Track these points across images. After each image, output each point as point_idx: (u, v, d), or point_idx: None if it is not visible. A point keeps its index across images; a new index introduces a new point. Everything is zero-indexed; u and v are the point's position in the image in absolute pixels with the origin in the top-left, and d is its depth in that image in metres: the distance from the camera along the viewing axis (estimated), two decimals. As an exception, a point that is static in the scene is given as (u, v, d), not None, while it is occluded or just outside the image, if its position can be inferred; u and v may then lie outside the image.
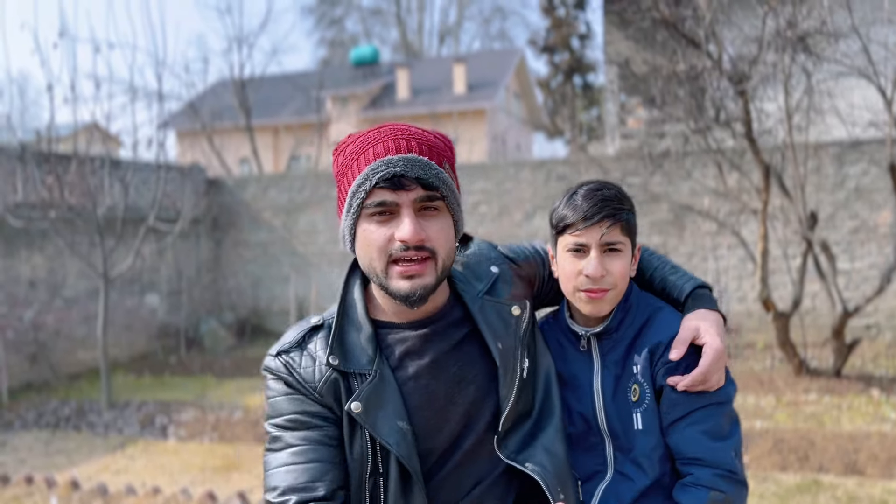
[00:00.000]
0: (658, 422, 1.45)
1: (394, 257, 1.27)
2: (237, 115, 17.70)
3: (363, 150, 1.29)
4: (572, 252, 1.48)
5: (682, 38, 6.80)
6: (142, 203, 9.42)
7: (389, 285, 1.29)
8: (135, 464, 5.80)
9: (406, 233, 1.25)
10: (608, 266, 1.45)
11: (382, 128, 1.32)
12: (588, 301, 1.47)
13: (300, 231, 11.77)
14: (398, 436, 1.30)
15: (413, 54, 36.09)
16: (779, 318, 7.09)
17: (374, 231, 1.28)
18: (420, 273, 1.28)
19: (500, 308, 1.44)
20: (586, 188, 1.49)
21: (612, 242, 1.45)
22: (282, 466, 1.30)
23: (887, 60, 6.64)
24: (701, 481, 1.38)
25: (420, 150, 1.29)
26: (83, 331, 9.33)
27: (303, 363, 1.34)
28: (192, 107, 15.98)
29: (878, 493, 4.55)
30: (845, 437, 5.46)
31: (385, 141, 1.28)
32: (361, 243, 1.31)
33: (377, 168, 1.26)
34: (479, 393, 1.39)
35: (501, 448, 1.38)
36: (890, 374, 7.52)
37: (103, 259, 7.54)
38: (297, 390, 1.33)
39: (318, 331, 1.38)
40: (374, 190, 1.26)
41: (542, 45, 27.03)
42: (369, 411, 1.30)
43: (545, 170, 10.55)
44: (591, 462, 1.49)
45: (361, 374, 1.32)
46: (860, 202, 9.08)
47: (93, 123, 8.54)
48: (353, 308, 1.39)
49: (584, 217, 1.44)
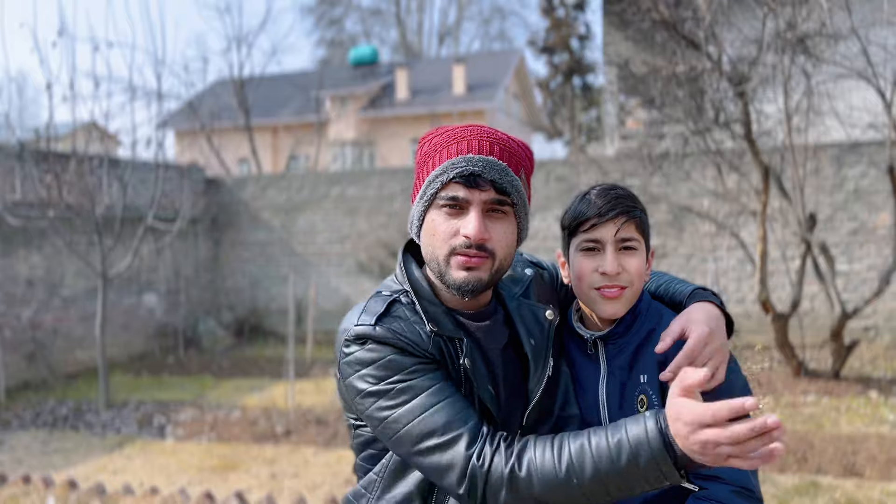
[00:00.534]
0: None
1: (455, 250, 1.32)
2: (236, 114, 17.71)
3: (447, 145, 1.35)
4: (586, 251, 1.46)
5: (682, 40, 6.79)
6: (140, 202, 9.41)
7: (447, 273, 1.34)
8: (132, 464, 5.79)
9: (471, 230, 1.30)
10: (624, 263, 1.44)
11: (471, 127, 1.37)
12: (604, 301, 1.45)
13: (299, 231, 11.76)
14: (491, 399, 1.37)
15: (412, 55, 36.09)
16: (777, 319, 7.09)
17: (442, 222, 1.33)
18: (477, 266, 1.32)
19: (535, 310, 1.50)
20: (599, 188, 1.49)
21: (628, 239, 1.44)
22: (425, 411, 1.27)
23: (887, 62, 6.64)
24: (716, 496, 1.36)
25: (501, 154, 1.34)
26: (81, 330, 9.32)
27: (406, 329, 1.34)
28: (191, 106, 15.98)
29: (876, 495, 4.54)
30: (844, 438, 5.45)
31: (470, 139, 1.34)
32: (427, 231, 1.36)
33: (457, 163, 1.32)
34: (513, 391, 1.44)
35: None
36: (888, 375, 7.52)
37: (101, 258, 7.53)
38: (407, 351, 1.32)
39: (398, 303, 1.39)
40: (449, 183, 1.32)
41: (542, 45, 27.06)
42: (474, 369, 1.36)
43: (544, 170, 10.55)
44: None
45: (454, 339, 1.36)
46: (859, 204, 9.08)
47: (92, 122, 8.53)
48: (421, 285, 1.42)
49: (599, 213, 1.43)
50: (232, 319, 11.74)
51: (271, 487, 5.12)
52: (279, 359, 9.54)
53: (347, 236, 11.52)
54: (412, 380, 1.30)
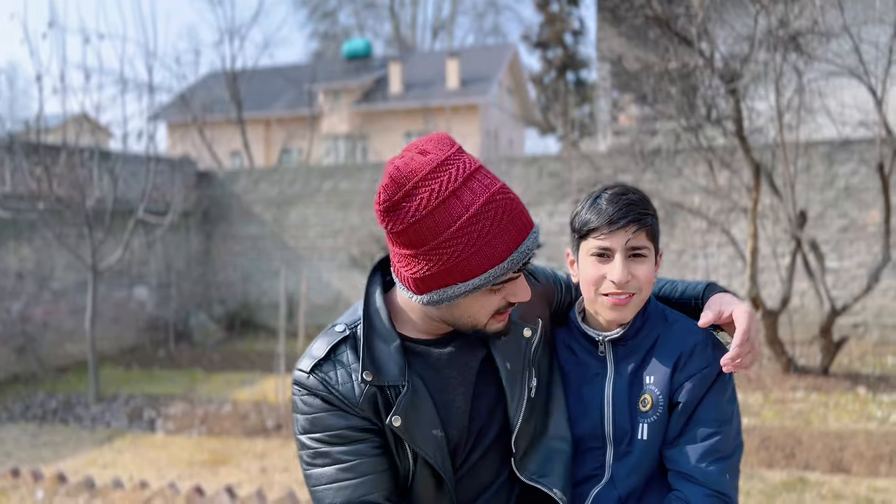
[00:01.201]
0: (663, 436, 1.44)
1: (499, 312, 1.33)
2: (228, 107, 17.63)
3: (507, 230, 1.24)
4: (596, 257, 1.45)
5: (675, 36, 6.80)
6: (131, 195, 9.36)
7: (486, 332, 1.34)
8: (122, 457, 5.78)
9: (521, 296, 1.32)
10: (633, 271, 1.43)
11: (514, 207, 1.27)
12: (612, 308, 1.45)
13: (291, 225, 11.74)
14: (434, 444, 1.33)
15: (406, 48, 36.00)
16: (767, 316, 7.12)
17: (492, 301, 1.30)
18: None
19: (513, 328, 1.43)
20: (611, 192, 1.46)
21: (638, 247, 1.43)
22: (333, 483, 1.30)
23: (878, 60, 6.65)
24: (689, 500, 1.38)
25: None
26: (71, 323, 9.28)
27: (340, 379, 1.32)
28: (183, 99, 15.90)
29: (863, 491, 4.58)
30: (831, 434, 5.49)
31: (523, 230, 1.27)
32: (471, 303, 1.30)
33: (517, 257, 1.25)
34: (489, 407, 1.41)
35: (522, 470, 1.40)
36: (877, 372, 7.57)
37: (92, 251, 7.50)
38: (337, 407, 1.31)
39: (346, 342, 1.36)
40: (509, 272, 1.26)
41: (536, 40, 27.03)
42: (408, 423, 1.31)
43: (537, 166, 10.55)
44: (588, 465, 1.49)
45: (394, 387, 1.32)
46: (849, 201, 9.12)
47: (82, 114, 8.48)
48: (378, 317, 1.38)
49: (610, 221, 1.41)
50: (223, 313, 11.72)
51: (261, 482, 5.12)
52: (270, 353, 9.53)
53: (340, 230, 11.50)
54: (331, 446, 1.30)
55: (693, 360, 1.44)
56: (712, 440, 1.40)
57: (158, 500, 4.67)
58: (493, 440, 1.41)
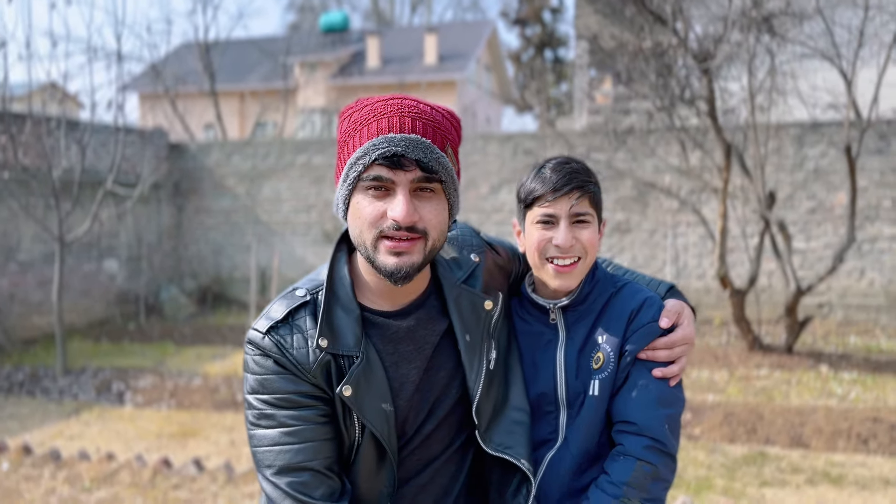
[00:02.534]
0: (611, 386, 1.48)
1: (384, 234, 1.27)
2: (202, 79, 17.34)
3: (367, 122, 1.28)
4: (541, 224, 1.50)
5: (650, 15, 6.80)
6: (100, 166, 9.20)
7: (376, 259, 1.29)
8: (90, 430, 5.74)
9: (399, 213, 1.24)
10: (577, 236, 1.48)
11: (391, 100, 1.30)
12: (556, 275, 1.50)
13: (264, 199, 11.64)
14: (382, 417, 1.32)
15: (384, 22, 35.58)
16: (735, 295, 7.24)
17: (368, 205, 1.27)
18: (408, 251, 1.28)
19: (474, 299, 1.45)
20: (554, 162, 1.52)
21: (581, 213, 1.49)
22: (275, 445, 1.30)
23: (849, 43, 6.73)
24: (630, 452, 1.42)
25: (424, 131, 1.28)
26: (39, 296, 9.15)
27: (295, 343, 1.32)
28: (155, 69, 15.60)
29: (821, 465, 4.70)
30: (793, 410, 5.62)
31: (390, 117, 1.27)
32: (353, 214, 1.30)
33: (378, 144, 1.25)
34: (446, 379, 1.41)
35: (487, 442, 1.41)
36: (839, 351, 7.74)
37: (59, 222, 7.38)
38: (288, 370, 1.31)
39: (306, 307, 1.36)
40: (372, 165, 1.26)
41: (515, 17, 26.93)
42: (358, 394, 1.31)
43: (512, 143, 10.55)
44: (543, 430, 1.52)
45: (349, 356, 1.32)
46: (818, 183, 9.26)
47: (51, 83, 8.30)
48: (341, 285, 1.38)
49: (554, 189, 1.47)
50: (195, 287, 11.63)
51: (230, 454, 5.12)
52: (242, 327, 9.49)
53: (314, 205, 11.42)
54: (278, 409, 1.30)
55: (642, 313, 1.49)
56: (654, 390, 1.45)
57: (125, 472, 4.67)
58: (447, 412, 1.42)
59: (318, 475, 1.29)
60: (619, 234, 9.83)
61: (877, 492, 4.30)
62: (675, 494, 4.14)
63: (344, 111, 1.35)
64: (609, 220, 9.80)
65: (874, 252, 9.08)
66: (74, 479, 4.55)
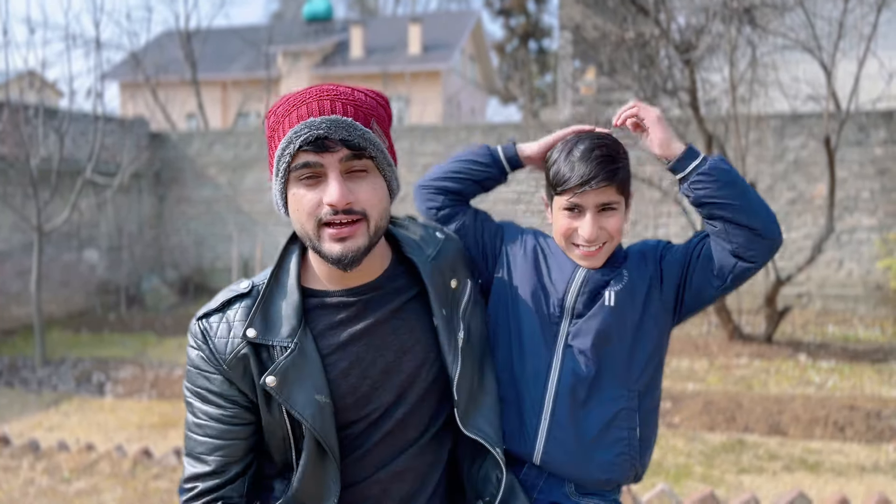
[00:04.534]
0: (632, 308, 1.50)
1: (324, 221, 1.26)
2: (183, 68, 17.17)
3: (288, 113, 1.27)
4: (568, 211, 1.49)
5: (633, 5, 6.81)
6: (80, 155, 9.10)
7: (322, 248, 1.28)
8: (69, 420, 5.70)
9: (333, 196, 1.23)
10: (603, 224, 1.48)
11: (309, 89, 1.29)
12: (582, 258, 1.52)
13: (246, 189, 11.56)
14: (314, 409, 1.29)
15: (368, 12, 35.41)
16: (715, 285, 7.29)
17: (303, 195, 1.26)
18: (351, 235, 1.26)
19: (445, 275, 1.45)
20: (583, 148, 1.48)
21: (608, 202, 1.47)
22: (189, 431, 1.36)
23: (830, 35, 6.78)
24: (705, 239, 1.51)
25: (345, 110, 1.26)
26: (18, 286, 9.05)
27: (219, 332, 1.33)
28: (135, 58, 15.42)
29: (797, 452, 4.77)
30: (771, 399, 5.69)
31: (309, 103, 1.26)
32: (292, 207, 1.29)
33: (300, 131, 1.23)
34: (417, 362, 1.39)
35: (465, 424, 1.40)
36: (818, 340, 7.84)
37: (38, 212, 7.29)
38: (207, 360, 1.33)
39: (244, 298, 1.35)
40: (298, 153, 1.24)
41: (499, 7, 26.88)
42: (285, 385, 1.29)
43: (496, 134, 10.55)
44: (540, 352, 1.52)
45: (282, 347, 1.31)
46: (798, 174, 9.34)
47: (29, 71, 8.19)
48: (287, 275, 1.37)
49: (581, 182, 1.44)
50: (176, 277, 11.55)
51: (211, 444, 5.11)
52: (224, 317, 9.45)
53: (296, 195, 11.36)
54: (194, 399, 1.35)
55: (662, 246, 1.55)
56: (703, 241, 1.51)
57: (105, 462, 4.64)
58: (420, 396, 1.40)
59: (212, 472, 1.33)
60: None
61: (853, 478, 4.36)
62: (654, 482, 4.18)
63: (270, 109, 1.33)
64: (592, 211, 9.83)
65: (853, 243, 9.18)
66: (54, 470, 4.52)
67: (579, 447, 1.48)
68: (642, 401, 1.51)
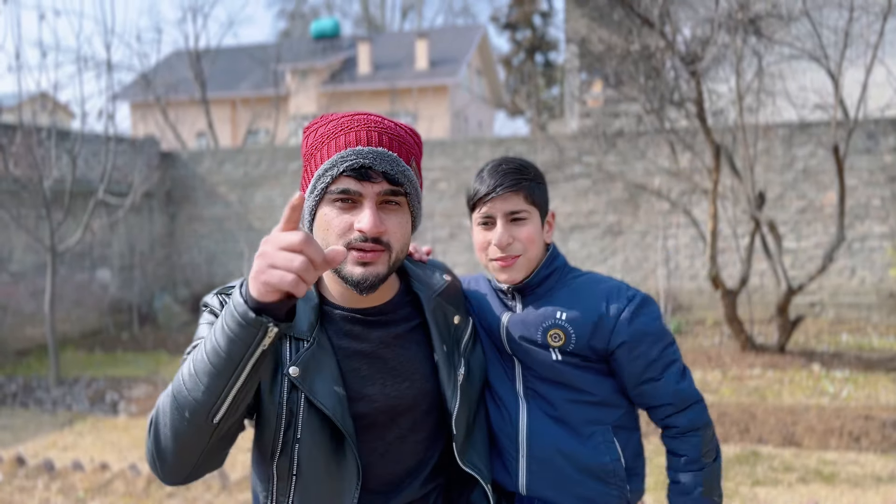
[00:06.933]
0: (577, 365, 1.54)
1: (351, 245, 1.29)
2: (193, 87, 17.34)
3: (335, 136, 1.31)
4: (482, 225, 1.59)
5: (638, 18, 6.84)
6: (92, 176, 9.19)
7: (343, 269, 1.31)
8: (83, 440, 5.73)
9: (366, 224, 1.26)
10: (514, 233, 1.56)
11: (357, 115, 1.33)
12: (500, 269, 1.59)
13: (256, 206, 11.64)
14: (334, 399, 1.32)
15: (375, 28, 35.65)
16: (727, 295, 7.26)
17: (335, 216, 1.29)
18: (374, 261, 1.30)
19: (447, 312, 1.50)
20: (491, 164, 1.60)
21: (516, 211, 1.56)
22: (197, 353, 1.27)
23: (836, 44, 6.78)
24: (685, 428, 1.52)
25: (390, 144, 1.31)
26: (32, 306, 9.13)
27: None
28: (146, 78, 15.58)
29: (812, 463, 4.73)
30: (785, 410, 5.65)
31: (358, 130, 1.30)
32: (321, 226, 1.32)
33: (346, 157, 1.27)
34: (412, 391, 1.41)
35: (465, 460, 1.44)
36: (831, 349, 7.78)
37: (51, 232, 7.36)
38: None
39: None
40: (340, 177, 1.28)
41: (505, 21, 27.00)
42: (307, 375, 1.31)
43: (504, 147, 10.58)
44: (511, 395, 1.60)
45: (299, 340, 1.34)
46: (807, 183, 9.31)
47: (41, 94, 8.29)
48: None
49: (487, 192, 1.55)
50: (188, 295, 11.61)
51: (224, 462, 5.12)
52: (236, 335, 9.46)
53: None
54: (196, 340, 1.29)
55: (613, 300, 1.55)
56: (664, 356, 1.53)
57: (119, 481, 4.66)
58: (410, 426, 1.42)
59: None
60: (611, 236, 9.86)
61: (869, 489, 4.32)
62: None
63: (309, 126, 1.37)
64: (601, 223, 9.83)
65: (864, 250, 9.13)
66: (68, 490, 4.54)
67: (560, 480, 1.54)
68: (617, 434, 1.56)
